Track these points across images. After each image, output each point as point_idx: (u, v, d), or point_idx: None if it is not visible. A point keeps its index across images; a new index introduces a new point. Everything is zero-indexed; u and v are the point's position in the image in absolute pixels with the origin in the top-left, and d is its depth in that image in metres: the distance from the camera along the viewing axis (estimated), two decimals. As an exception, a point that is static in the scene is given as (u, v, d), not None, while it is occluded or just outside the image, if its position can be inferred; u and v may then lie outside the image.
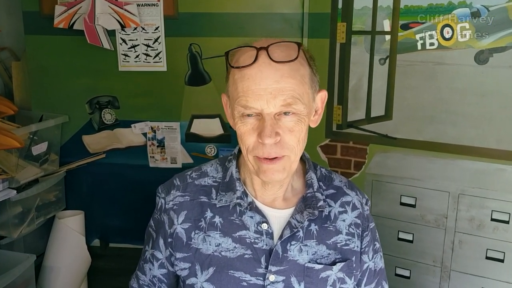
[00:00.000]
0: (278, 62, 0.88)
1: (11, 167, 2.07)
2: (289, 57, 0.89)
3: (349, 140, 2.15)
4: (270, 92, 0.88)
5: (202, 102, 2.32)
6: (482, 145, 1.88)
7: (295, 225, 0.99)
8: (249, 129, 0.92)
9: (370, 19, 2.02)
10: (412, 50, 1.95)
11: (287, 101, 0.89)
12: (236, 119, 0.94)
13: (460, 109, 1.90)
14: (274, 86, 0.88)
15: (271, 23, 2.19)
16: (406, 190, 2.04)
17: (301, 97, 0.91)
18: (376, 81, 2.06)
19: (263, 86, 0.88)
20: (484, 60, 1.83)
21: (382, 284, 1.16)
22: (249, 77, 0.89)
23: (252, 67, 0.89)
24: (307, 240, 1.01)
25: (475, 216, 1.92)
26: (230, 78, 0.95)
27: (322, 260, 1.01)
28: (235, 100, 0.92)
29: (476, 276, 1.95)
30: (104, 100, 2.38)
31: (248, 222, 1.00)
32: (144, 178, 2.38)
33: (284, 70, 0.89)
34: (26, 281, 1.99)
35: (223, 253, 1.00)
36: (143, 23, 2.24)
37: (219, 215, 1.02)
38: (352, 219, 1.06)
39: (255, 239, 0.99)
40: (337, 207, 1.06)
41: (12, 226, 2.13)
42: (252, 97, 0.89)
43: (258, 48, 0.89)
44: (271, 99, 0.88)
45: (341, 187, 1.09)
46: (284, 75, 0.89)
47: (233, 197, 1.01)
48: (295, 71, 0.90)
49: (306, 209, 1.01)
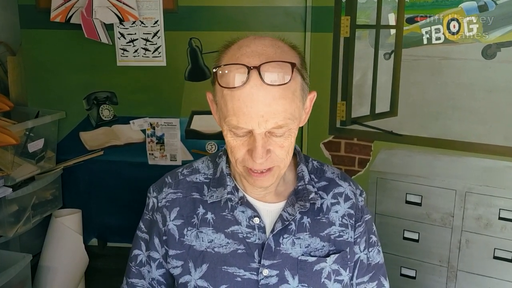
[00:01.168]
0: (270, 85, 0.86)
1: (6, 164, 2.06)
2: (282, 80, 0.87)
3: (353, 137, 2.15)
4: (262, 115, 0.87)
5: (202, 98, 2.24)
6: (489, 141, 1.87)
7: (287, 218, 1.00)
8: (239, 144, 0.92)
9: (375, 12, 2.01)
10: (417, 45, 1.94)
11: (278, 123, 0.88)
12: (224, 130, 0.93)
13: (467, 105, 1.89)
14: (266, 109, 0.87)
15: (273, 16, 2.18)
16: (412, 188, 2.03)
17: (292, 115, 0.90)
18: (380, 77, 2.05)
19: (254, 109, 0.87)
20: (491, 55, 1.81)
21: (379, 279, 1.15)
22: (239, 98, 0.87)
23: (243, 88, 0.86)
24: (300, 233, 1.02)
25: (483, 215, 1.91)
26: (218, 90, 0.92)
27: (316, 252, 1.02)
28: (224, 116, 0.91)
29: (483, 276, 1.95)
30: (102, 95, 2.38)
31: (240, 217, 1.01)
32: (143, 175, 2.35)
33: (275, 91, 0.87)
34: (22, 282, 1.99)
35: (216, 249, 1.00)
36: (142, 16, 2.23)
37: (211, 211, 1.03)
38: (345, 210, 1.07)
39: (247, 234, 1.00)
40: (329, 198, 1.07)
41: (8, 225, 2.12)
42: (243, 118, 0.88)
43: (250, 67, 0.86)
44: (263, 122, 0.87)
45: (333, 178, 1.10)
46: (275, 97, 0.87)
47: (224, 193, 1.01)
48: (287, 90, 0.88)
49: (298, 202, 1.02)
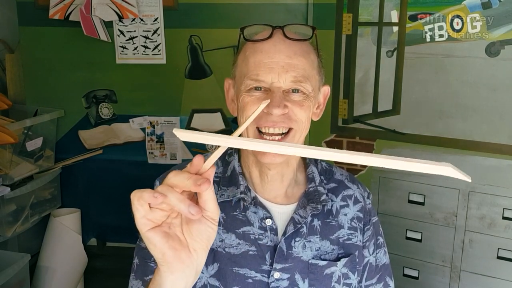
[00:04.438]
0: (292, 39, 0.93)
1: (4, 163, 2.06)
2: (303, 36, 0.94)
3: (355, 136, 2.14)
4: (282, 66, 0.91)
5: (202, 96, 2.31)
6: (493, 140, 1.86)
7: (299, 220, 0.99)
8: (254, 99, 0.93)
9: (377, 9, 2.00)
10: (420, 42, 1.94)
11: (297, 78, 0.91)
12: (241, 94, 0.95)
13: (470, 103, 1.88)
14: (287, 61, 0.91)
15: (274, 14, 2.16)
16: (415, 188, 2.02)
17: (310, 79, 0.94)
18: (383, 74, 2.04)
19: (275, 60, 0.91)
20: (495, 53, 1.80)
21: (385, 280, 1.14)
22: (262, 51, 0.92)
23: (266, 42, 0.93)
24: (311, 236, 1.01)
25: (486, 214, 1.90)
26: (240, 56, 0.98)
27: (326, 256, 1.01)
28: (244, 76, 0.94)
29: (487, 276, 1.93)
30: (101, 94, 2.38)
31: (252, 217, 0.99)
32: (143, 174, 2.37)
33: (297, 48, 0.93)
34: (20, 282, 1.99)
35: (227, 249, 0.98)
36: (142, 14, 2.22)
37: (221, 210, 0.99)
38: (354, 213, 1.06)
39: (259, 235, 0.98)
40: (338, 201, 1.06)
41: (6, 224, 2.12)
42: (264, 69, 0.91)
43: (274, 26, 0.94)
44: (283, 73, 0.91)
45: (343, 180, 1.09)
46: (296, 53, 0.92)
47: (236, 192, 0.99)
48: (307, 53, 0.94)
49: (309, 204, 1.01)
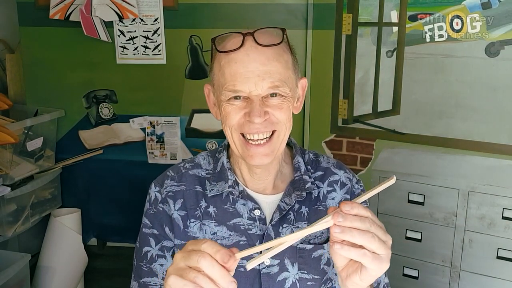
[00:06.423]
0: (264, 45, 0.93)
1: (5, 163, 2.06)
2: (274, 41, 0.94)
3: (355, 136, 2.14)
4: (258, 74, 0.92)
5: (203, 96, 2.24)
6: (493, 140, 1.86)
7: (284, 207, 1.03)
8: (235, 108, 0.95)
9: (377, 10, 2.01)
10: (420, 42, 1.94)
11: (274, 83, 0.93)
12: (222, 104, 0.97)
13: (470, 103, 1.88)
14: (261, 68, 0.92)
15: (275, 14, 2.17)
16: (414, 187, 2.02)
17: (287, 81, 0.96)
18: (383, 74, 2.04)
19: (250, 69, 0.92)
20: (495, 53, 1.81)
21: None
22: (236, 61, 0.93)
23: (239, 51, 0.93)
24: (299, 222, 1.04)
25: (486, 214, 1.90)
26: (215, 65, 0.99)
27: (315, 240, 1.04)
28: (222, 86, 0.95)
29: (486, 276, 1.93)
30: (102, 94, 2.38)
31: (241, 209, 1.03)
32: (143, 174, 2.35)
33: (269, 53, 0.94)
34: (21, 282, 1.99)
35: (219, 241, 1.02)
36: (142, 14, 2.23)
37: (212, 204, 1.05)
38: (342, 196, 1.09)
39: (249, 226, 1.02)
40: (325, 187, 1.09)
41: (6, 224, 2.12)
42: (240, 80, 0.93)
43: (244, 33, 0.94)
44: (259, 82, 0.92)
45: (329, 167, 1.12)
46: (270, 58, 0.93)
47: (225, 186, 1.04)
48: (280, 56, 0.95)
49: (294, 192, 1.05)
